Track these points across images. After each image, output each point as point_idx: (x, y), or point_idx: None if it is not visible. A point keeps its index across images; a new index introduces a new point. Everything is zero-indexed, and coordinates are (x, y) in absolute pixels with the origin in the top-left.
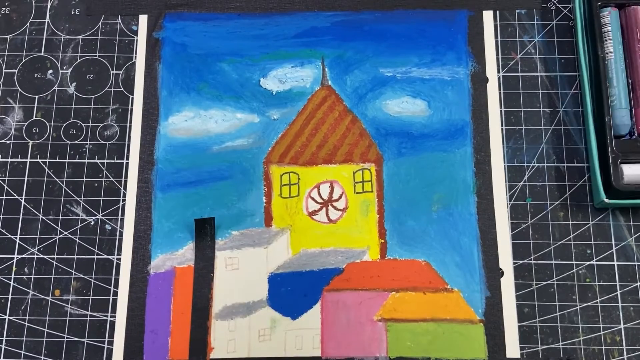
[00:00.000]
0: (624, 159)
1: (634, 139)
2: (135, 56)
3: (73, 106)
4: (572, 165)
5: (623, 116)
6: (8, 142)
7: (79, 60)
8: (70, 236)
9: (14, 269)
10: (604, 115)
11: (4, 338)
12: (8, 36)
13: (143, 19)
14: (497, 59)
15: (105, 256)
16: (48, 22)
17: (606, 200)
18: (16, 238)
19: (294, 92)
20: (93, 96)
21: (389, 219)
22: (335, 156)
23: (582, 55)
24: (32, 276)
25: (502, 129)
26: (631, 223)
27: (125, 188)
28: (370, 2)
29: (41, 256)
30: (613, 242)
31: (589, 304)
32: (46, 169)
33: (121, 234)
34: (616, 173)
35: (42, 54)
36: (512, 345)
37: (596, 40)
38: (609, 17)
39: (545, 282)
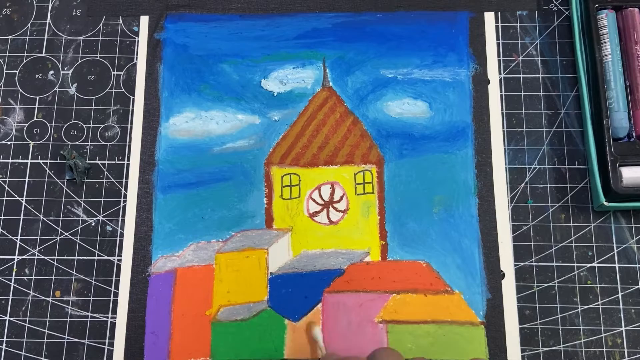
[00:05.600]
0: (623, 161)
1: (633, 142)
2: (137, 57)
3: (74, 107)
4: (574, 167)
5: (621, 119)
6: (9, 142)
7: (80, 61)
8: (71, 237)
9: (14, 270)
10: (602, 117)
11: (5, 339)
12: (9, 37)
13: (144, 20)
14: (499, 61)
15: (106, 257)
16: (49, 22)
17: (606, 204)
18: (17, 239)
19: (295, 94)
20: (94, 97)
21: (389, 221)
22: (336, 157)
23: (579, 57)
24: (33, 277)
25: (503, 131)
26: (632, 225)
27: (126, 189)
28: (371, 3)
29: (42, 257)
30: (614, 244)
31: (590, 306)
32: (47, 169)
33: (122, 235)
34: (615, 176)
35: (43, 54)
36: (513, 347)
37: (593, 43)
38: (606, 20)
39: (546, 284)
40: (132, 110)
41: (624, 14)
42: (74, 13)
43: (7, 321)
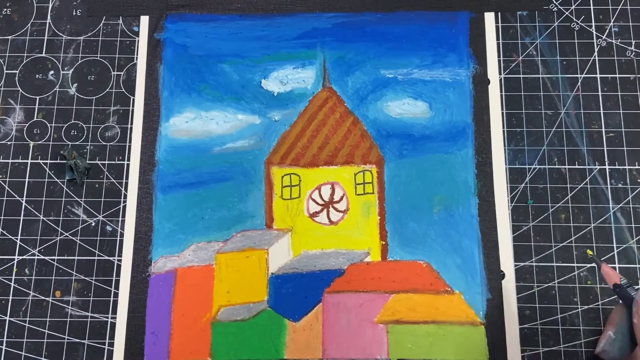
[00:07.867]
0: None
1: None
2: (137, 57)
3: (74, 107)
4: (574, 167)
5: None
6: (9, 143)
7: (80, 61)
8: (71, 237)
9: (14, 270)
10: None
11: (5, 339)
12: (9, 37)
13: (144, 20)
14: (499, 61)
15: (106, 257)
16: (49, 23)
17: None
18: (17, 239)
19: (295, 94)
20: (94, 97)
21: (390, 221)
22: (336, 158)
23: None
24: (33, 277)
25: (503, 131)
26: (632, 225)
27: (126, 189)
28: (371, 3)
29: (42, 257)
30: (614, 244)
31: (590, 306)
32: (47, 169)
33: (122, 235)
34: None
35: (44, 54)
36: (513, 347)
37: None
38: None
39: (546, 285)
40: (132, 110)
41: None
42: (74, 13)
43: (7, 321)
